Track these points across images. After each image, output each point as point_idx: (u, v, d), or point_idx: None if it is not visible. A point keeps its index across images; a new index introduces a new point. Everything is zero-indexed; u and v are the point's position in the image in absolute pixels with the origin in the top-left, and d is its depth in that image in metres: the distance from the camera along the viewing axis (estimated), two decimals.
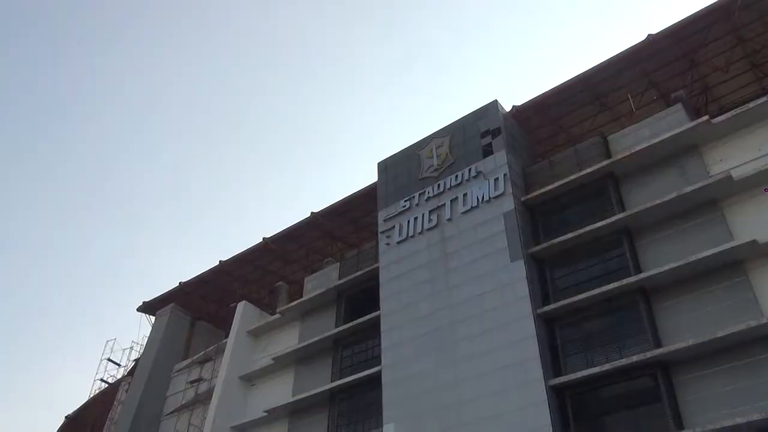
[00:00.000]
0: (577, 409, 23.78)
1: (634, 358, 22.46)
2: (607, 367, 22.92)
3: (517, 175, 29.79)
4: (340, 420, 30.76)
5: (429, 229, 30.54)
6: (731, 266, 22.79)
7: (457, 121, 32.99)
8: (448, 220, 30.01)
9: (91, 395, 45.37)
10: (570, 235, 26.51)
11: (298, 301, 36.19)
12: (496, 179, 29.27)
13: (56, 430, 52.63)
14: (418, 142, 34.15)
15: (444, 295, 28.05)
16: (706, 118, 25.50)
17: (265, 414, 32.84)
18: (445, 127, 33.29)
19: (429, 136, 33.74)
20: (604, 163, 27.38)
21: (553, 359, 24.81)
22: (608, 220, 25.87)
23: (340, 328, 32.77)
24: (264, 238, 40.10)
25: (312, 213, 38.35)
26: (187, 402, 37.86)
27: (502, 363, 24.64)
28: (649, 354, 22.26)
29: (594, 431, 22.13)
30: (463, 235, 29.04)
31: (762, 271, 22.38)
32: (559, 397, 23.88)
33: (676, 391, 21.99)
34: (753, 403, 20.03)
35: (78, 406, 50.27)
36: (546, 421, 22.63)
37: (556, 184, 28.36)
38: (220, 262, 41.72)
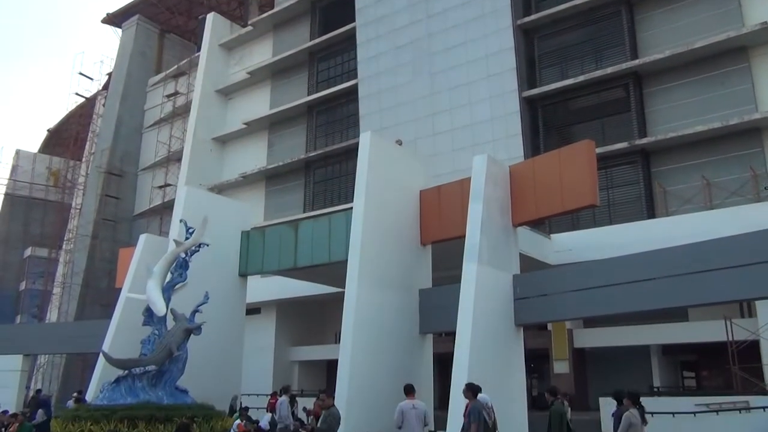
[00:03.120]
0: (548, 119, 24.71)
1: (609, 70, 22.66)
2: (581, 78, 23.22)
3: None
4: (318, 132, 31.72)
5: None
6: None
7: None
8: None
9: (69, 110, 45.61)
10: None
11: (270, 12, 34.68)
12: None
13: (40, 143, 54.07)
14: None
15: (422, 5, 26.92)
16: None
17: (245, 126, 33.64)
18: None
19: None
20: None
21: (529, 72, 24.94)
22: None
23: (315, 41, 32.00)
24: None
25: None
26: (166, 115, 38.32)
27: (478, 75, 24.75)
28: (624, 65, 22.42)
29: (561, 138, 23.19)
30: None
31: None
32: (532, 108, 24.57)
33: (645, 101, 22.67)
34: (715, 113, 20.85)
35: (58, 121, 51.02)
36: (516, 131, 23.58)
37: None
38: None
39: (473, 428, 8.18)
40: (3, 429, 14.40)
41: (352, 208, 17.77)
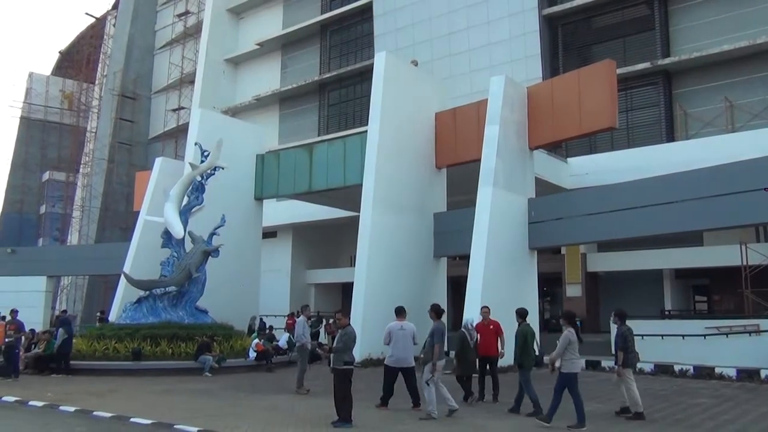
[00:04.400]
0: (568, 39, 23.95)
1: None
2: None
3: None
4: (332, 53, 31.07)
5: None
6: None
7: None
8: None
9: (80, 31, 44.78)
10: None
11: None
12: None
13: (53, 66, 53.53)
14: None
15: None
16: None
17: (258, 47, 33.00)
18: None
19: None
20: None
21: None
22: None
23: None
24: None
25: None
26: (178, 36, 37.59)
27: None
28: None
29: (581, 59, 22.51)
30: None
31: None
32: (551, 27, 23.80)
33: (669, 19, 21.84)
34: (743, 31, 20.07)
35: (69, 42, 50.31)
36: (535, 51, 22.93)
37: None
38: None
39: (437, 349, 8.61)
40: (33, 345, 15.00)
41: (366, 131, 17.64)
